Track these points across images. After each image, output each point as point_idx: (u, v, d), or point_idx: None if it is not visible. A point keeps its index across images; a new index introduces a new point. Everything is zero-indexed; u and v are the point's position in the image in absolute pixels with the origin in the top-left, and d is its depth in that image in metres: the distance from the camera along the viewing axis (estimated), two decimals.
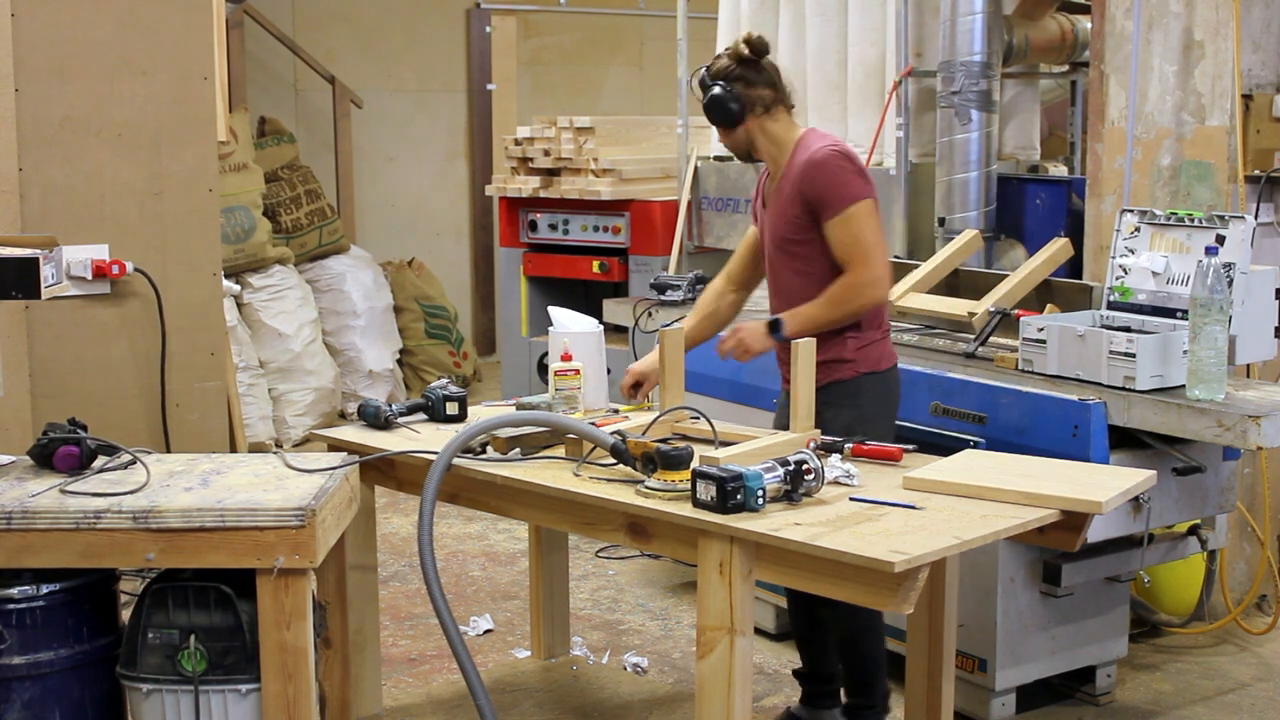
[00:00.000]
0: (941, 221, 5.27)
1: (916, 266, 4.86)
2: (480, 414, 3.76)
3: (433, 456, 3.24)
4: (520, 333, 7.02)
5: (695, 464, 3.00)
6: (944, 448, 3.64)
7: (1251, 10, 4.61)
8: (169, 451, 4.61)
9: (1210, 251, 3.67)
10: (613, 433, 3.20)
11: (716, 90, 3.66)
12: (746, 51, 3.67)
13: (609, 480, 3.13)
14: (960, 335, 4.51)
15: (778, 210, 3.71)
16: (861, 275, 3.59)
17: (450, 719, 3.81)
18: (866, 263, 3.59)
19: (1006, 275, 4.60)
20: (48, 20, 4.62)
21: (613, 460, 3.17)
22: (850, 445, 3.29)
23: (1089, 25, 5.22)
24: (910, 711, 3.49)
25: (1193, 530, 4.15)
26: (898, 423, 3.99)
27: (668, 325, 3.84)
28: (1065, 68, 5.88)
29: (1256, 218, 4.34)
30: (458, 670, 3.27)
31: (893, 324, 4.86)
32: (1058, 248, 4.51)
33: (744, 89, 3.67)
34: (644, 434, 3.30)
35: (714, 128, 3.79)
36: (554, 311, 3.89)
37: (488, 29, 9.71)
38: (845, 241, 3.60)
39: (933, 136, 5.39)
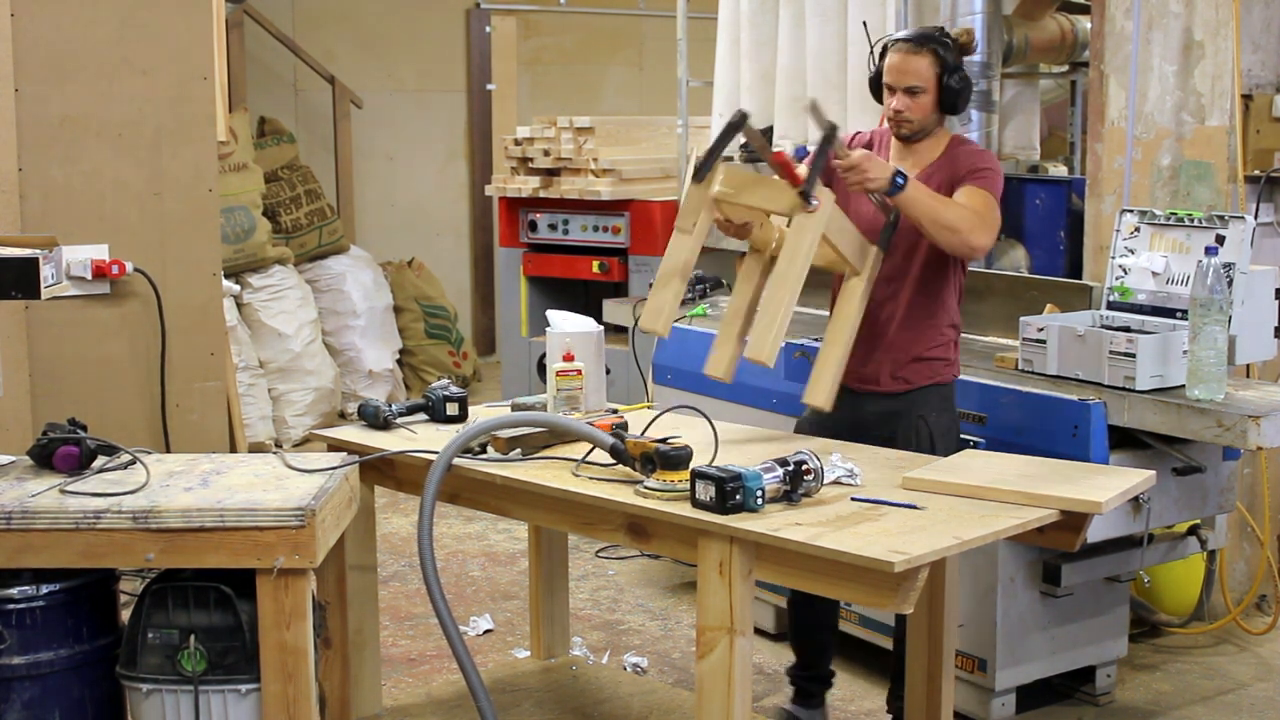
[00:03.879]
0: None
1: None
2: (480, 414, 3.76)
3: (432, 456, 3.24)
4: (520, 333, 7.02)
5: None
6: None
7: (1251, 10, 4.61)
8: (169, 451, 4.61)
9: (1210, 252, 3.67)
10: (612, 433, 3.20)
11: (963, 73, 3.58)
12: (969, 48, 3.64)
13: (608, 480, 3.13)
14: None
15: None
16: (985, 213, 3.52)
17: (450, 719, 3.81)
18: (987, 215, 3.53)
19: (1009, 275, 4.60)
20: (48, 20, 4.62)
21: (612, 460, 3.16)
22: None
23: (1089, 25, 5.22)
24: (910, 711, 3.49)
25: (1193, 530, 4.15)
26: None
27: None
28: (1065, 68, 5.88)
29: (1256, 218, 4.34)
30: (458, 670, 3.27)
31: None
32: None
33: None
34: (643, 434, 3.30)
35: (899, 90, 3.59)
36: (552, 315, 3.89)
37: (488, 29, 9.71)
38: (973, 196, 3.53)
39: None
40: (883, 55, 3.65)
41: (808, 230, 3.20)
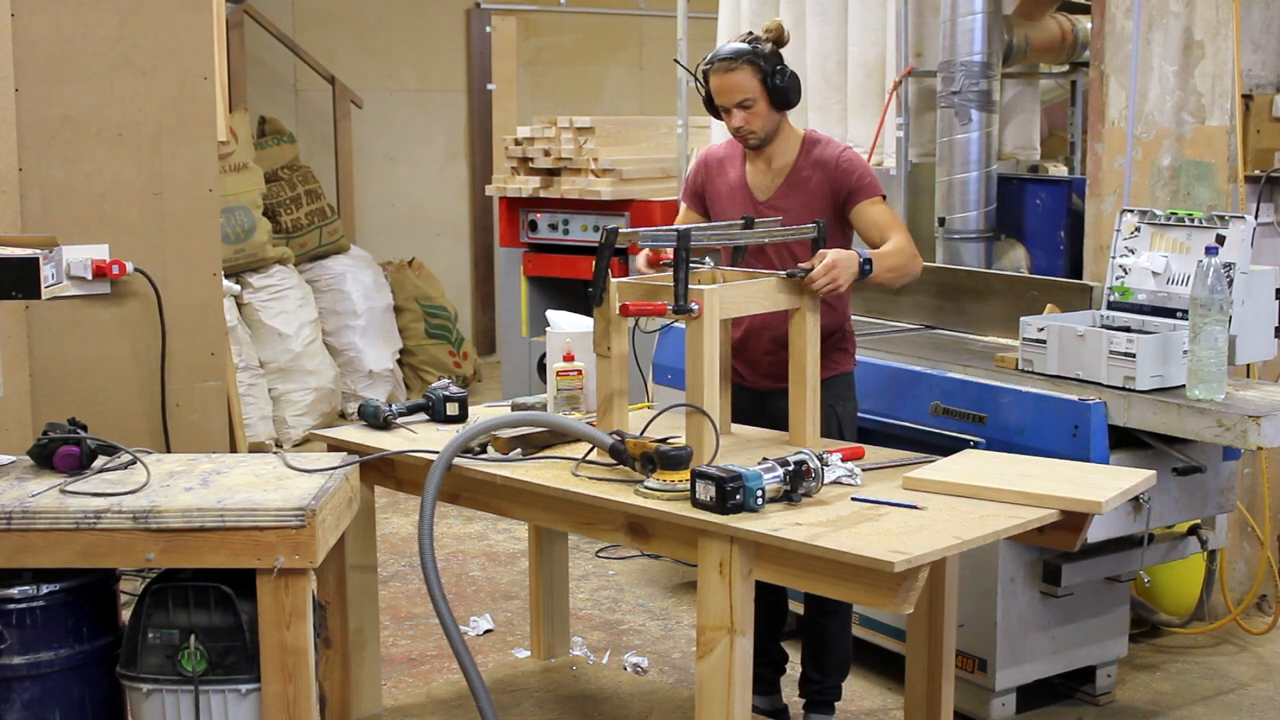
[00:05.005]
0: (942, 221, 5.27)
1: None
2: (480, 414, 3.76)
3: (433, 456, 3.24)
4: (520, 333, 7.02)
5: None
6: (944, 448, 3.65)
7: (1251, 10, 4.61)
8: (169, 451, 4.61)
9: (1210, 252, 3.67)
10: (611, 433, 3.20)
11: (789, 70, 3.65)
12: (782, 40, 3.69)
13: (608, 480, 3.13)
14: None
15: (798, 204, 3.70)
16: (909, 241, 3.65)
17: (450, 719, 3.81)
18: (908, 234, 3.67)
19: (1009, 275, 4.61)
20: (48, 20, 4.62)
21: (612, 460, 3.16)
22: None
23: (1089, 25, 5.22)
24: (910, 711, 3.49)
25: (1193, 530, 4.15)
26: (898, 421, 4.00)
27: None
28: (1065, 68, 5.88)
29: (1256, 218, 4.34)
30: (458, 670, 3.28)
31: (893, 322, 4.89)
32: None
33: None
34: (642, 434, 3.30)
35: (731, 109, 3.64)
36: (552, 315, 3.88)
37: (488, 29, 9.71)
38: (884, 219, 3.67)
39: (933, 136, 5.39)
40: (706, 81, 3.72)
41: (700, 334, 3.18)
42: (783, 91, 3.64)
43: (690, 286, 3.17)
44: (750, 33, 3.73)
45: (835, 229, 3.67)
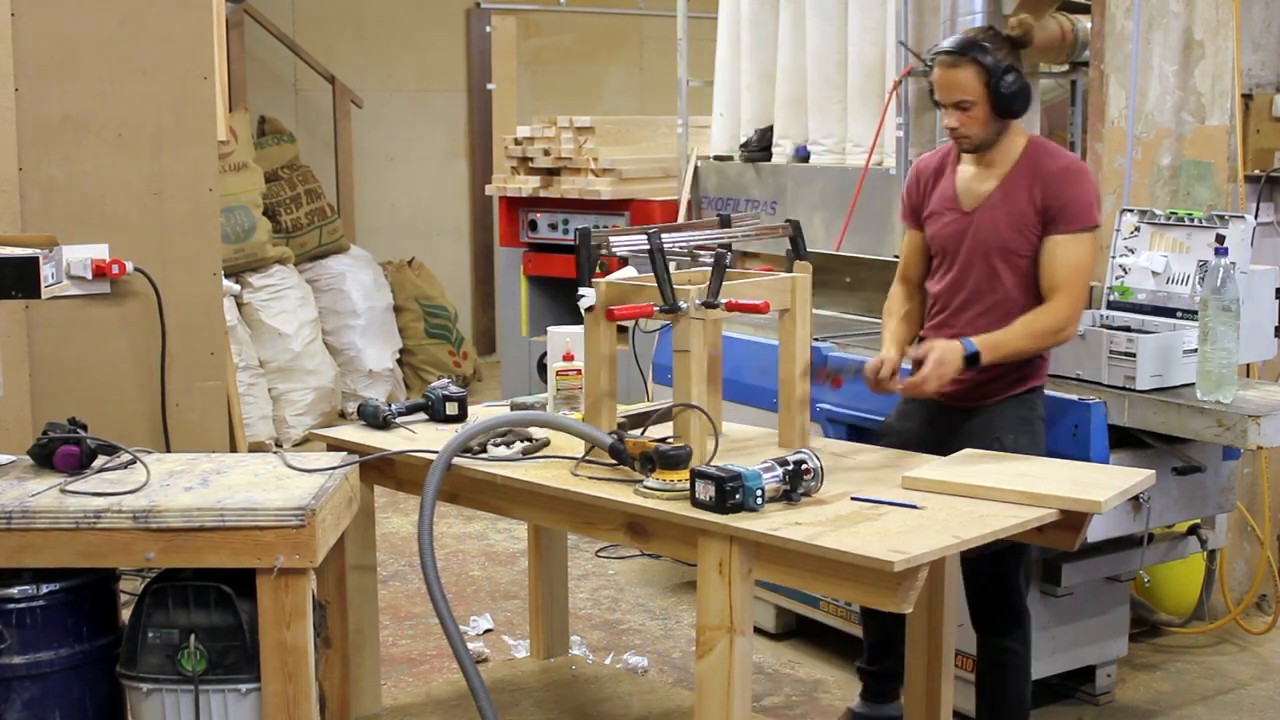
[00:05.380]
0: None
1: None
2: (480, 414, 3.76)
3: (432, 456, 3.24)
4: (520, 332, 7.02)
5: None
6: None
7: (1251, 10, 4.61)
8: (169, 451, 4.60)
9: (1220, 253, 3.66)
10: (611, 432, 3.20)
11: (1018, 76, 3.39)
12: (1025, 39, 3.48)
13: (608, 480, 3.13)
14: None
15: (1002, 214, 3.47)
16: (1068, 311, 3.41)
17: (450, 719, 3.81)
18: (1077, 298, 3.43)
19: None
20: (48, 20, 4.62)
21: (612, 460, 3.16)
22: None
23: (1089, 25, 5.22)
24: (910, 711, 3.49)
25: (1193, 530, 4.15)
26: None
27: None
28: (1065, 68, 5.88)
29: (1256, 217, 4.34)
30: (458, 670, 3.27)
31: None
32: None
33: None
34: (642, 433, 3.30)
35: (948, 106, 3.44)
36: (553, 330, 3.86)
37: (488, 29, 9.71)
38: (1068, 264, 3.39)
39: (933, 136, 5.39)
40: (931, 69, 3.52)
41: (691, 333, 3.18)
42: (1007, 99, 3.38)
43: (675, 286, 3.15)
44: (992, 28, 3.48)
45: (1030, 252, 3.43)
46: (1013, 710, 3.62)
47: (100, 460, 3.19)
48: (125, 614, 3.08)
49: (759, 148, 6.20)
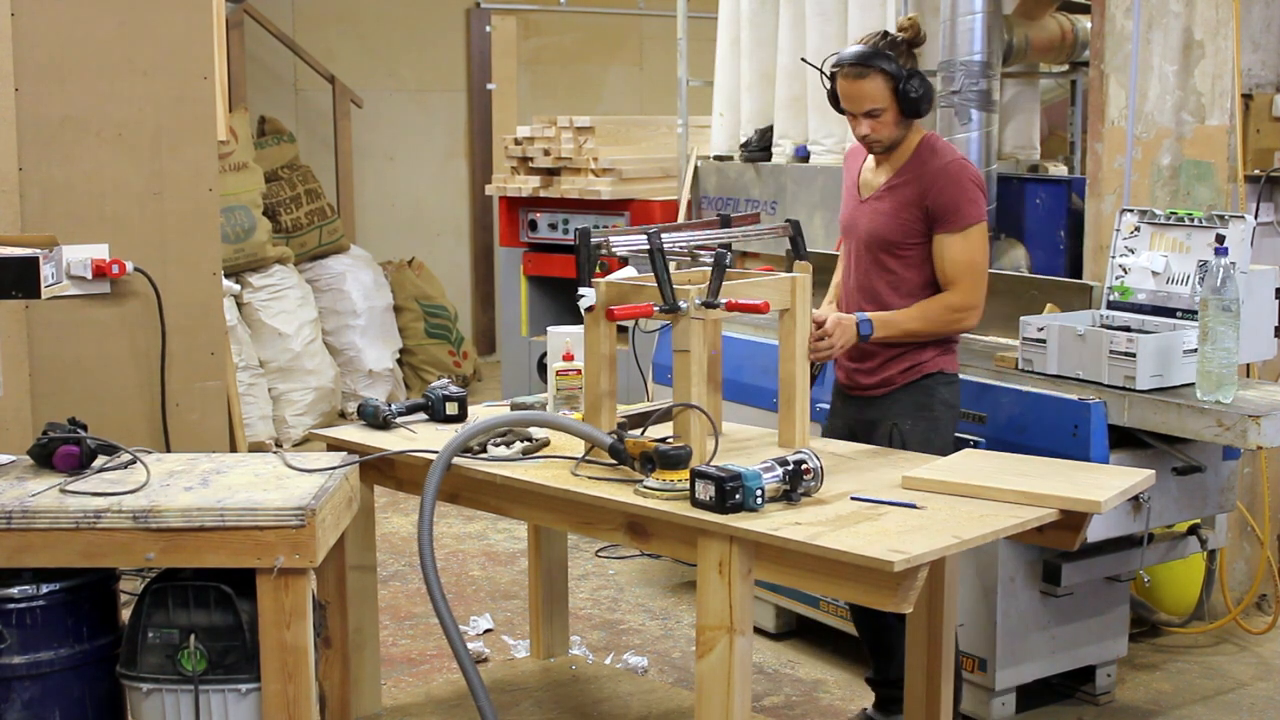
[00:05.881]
0: None
1: None
2: (480, 414, 3.76)
3: (432, 456, 3.24)
4: (520, 332, 7.02)
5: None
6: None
7: (1251, 10, 4.61)
8: (169, 451, 4.60)
9: (1220, 253, 3.66)
10: (611, 432, 3.20)
11: (922, 79, 3.53)
12: (918, 39, 3.59)
13: (608, 480, 3.13)
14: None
15: (886, 211, 3.61)
16: (965, 299, 3.54)
17: (450, 718, 3.81)
18: (973, 288, 3.55)
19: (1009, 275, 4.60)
20: (48, 20, 4.62)
21: (612, 460, 3.16)
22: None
23: (1089, 25, 5.23)
24: (910, 711, 3.49)
25: (1193, 530, 4.15)
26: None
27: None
28: (1065, 68, 5.89)
29: (1256, 217, 4.34)
30: (458, 670, 3.27)
31: None
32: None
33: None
34: (642, 433, 3.30)
35: (858, 116, 3.55)
36: (553, 330, 3.86)
37: (488, 29, 9.71)
38: (959, 260, 3.53)
39: None
40: (834, 79, 3.62)
41: (691, 333, 3.18)
42: (914, 102, 3.51)
43: (675, 286, 3.15)
44: (885, 33, 3.60)
45: (915, 244, 3.55)
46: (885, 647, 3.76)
47: (100, 460, 3.19)
48: (125, 614, 3.08)
49: (759, 148, 6.20)
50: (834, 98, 3.64)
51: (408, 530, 5.88)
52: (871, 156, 3.70)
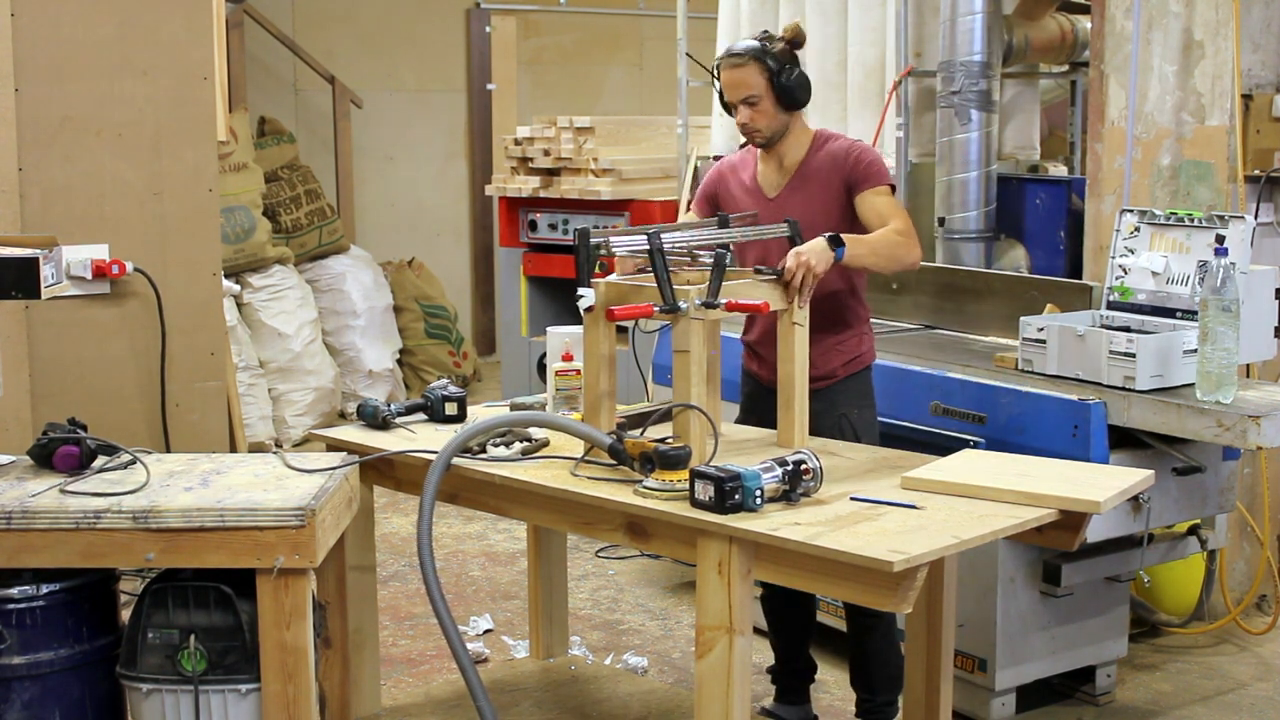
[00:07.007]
0: (941, 221, 5.27)
1: None
2: (480, 414, 3.76)
3: (432, 456, 3.24)
4: (520, 333, 7.02)
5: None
6: (944, 448, 3.64)
7: (1251, 10, 4.61)
8: (169, 451, 4.60)
9: (1220, 253, 3.67)
10: (610, 433, 3.20)
11: (799, 71, 3.65)
12: (797, 40, 3.70)
13: (608, 480, 3.13)
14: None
15: (808, 203, 3.67)
16: (905, 225, 3.60)
17: (450, 719, 3.81)
18: (908, 222, 3.63)
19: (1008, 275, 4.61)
20: (48, 20, 4.62)
21: (612, 460, 3.16)
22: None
23: (1089, 25, 5.23)
24: (909, 711, 3.49)
25: (1192, 530, 4.15)
26: (898, 421, 3.99)
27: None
28: (1065, 68, 5.89)
29: (1256, 218, 4.34)
30: (457, 670, 3.27)
31: (893, 322, 4.88)
32: None
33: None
34: (642, 433, 3.30)
35: (738, 104, 3.66)
36: (552, 330, 3.87)
37: (488, 29, 9.71)
38: (888, 205, 3.63)
39: (933, 136, 5.39)
40: (718, 75, 3.74)
41: (691, 333, 3.17)
42: (790, 91, 3.63)
43: (675, 286, 3.15)
44: (766, 32, 3.75)
45: (846, 224, 3.61)
46: (880, 673, 3.83)
47: (100, 460, 3.19)
48: (125, 614, 3.09)
49: None
50: (721, 94, 3.75)
51: (407, 530, 5.88)
52: (761, 163, 3.79)
